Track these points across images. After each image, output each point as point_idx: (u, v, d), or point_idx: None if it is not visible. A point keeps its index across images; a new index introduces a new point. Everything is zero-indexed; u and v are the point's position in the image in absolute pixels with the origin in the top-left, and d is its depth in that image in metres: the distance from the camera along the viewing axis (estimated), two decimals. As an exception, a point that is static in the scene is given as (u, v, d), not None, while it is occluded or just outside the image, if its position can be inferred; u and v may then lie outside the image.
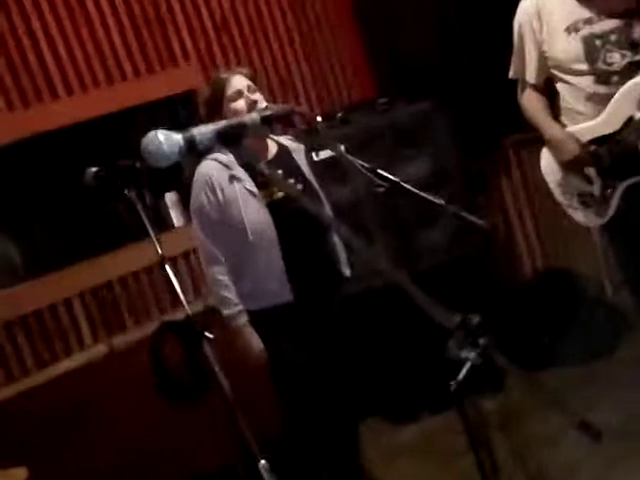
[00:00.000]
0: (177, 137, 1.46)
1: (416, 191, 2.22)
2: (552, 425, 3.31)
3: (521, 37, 2.89)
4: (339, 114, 3.72)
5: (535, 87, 2.93)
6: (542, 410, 3.50)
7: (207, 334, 1.89)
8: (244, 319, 2.67)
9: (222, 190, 2.63)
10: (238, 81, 2.66)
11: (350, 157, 2.25)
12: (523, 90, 2.98)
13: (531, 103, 2.96)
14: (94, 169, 1.89)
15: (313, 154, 3.50)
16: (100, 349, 3.63)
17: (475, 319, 1.19)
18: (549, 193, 4.10)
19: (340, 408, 2.95)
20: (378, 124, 3.68)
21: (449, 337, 1.19)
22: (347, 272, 2.90)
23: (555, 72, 2.83)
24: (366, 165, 2.25)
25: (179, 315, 3.50)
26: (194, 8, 3.98)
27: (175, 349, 3.71)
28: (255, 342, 2.68)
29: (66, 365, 3.52)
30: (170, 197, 3.89)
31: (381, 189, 2.21)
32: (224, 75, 2.71)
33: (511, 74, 3.04)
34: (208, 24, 4.03)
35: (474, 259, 3.90)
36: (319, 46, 4.40)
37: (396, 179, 2.24)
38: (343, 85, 4.44)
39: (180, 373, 3.69)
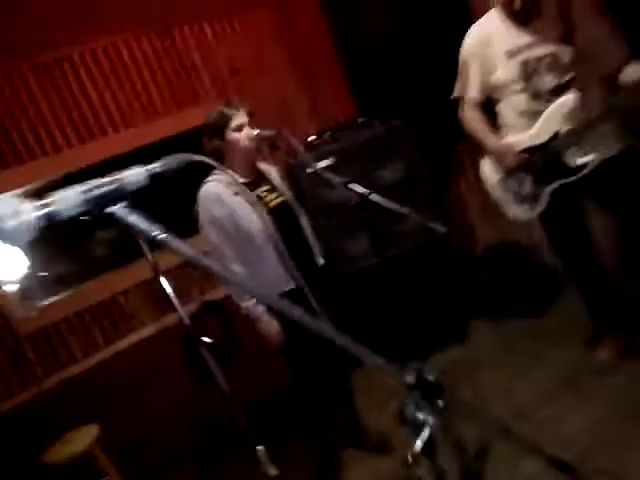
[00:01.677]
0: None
1: (383, 202, 2.11)
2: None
3: (465, 63, 2.78)
4: (328, 133, 3.64)
5: (476, 104, 2.82)
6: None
7: (204, 339, 1.80)
8: (260, 309, 2.58)
9: (230, 203, 2.56)
10: (241, 117, 2.59)
11: (328, 174, 2.14)
12: (465, 108, 2.87)
13: (472, 118, 2.85)
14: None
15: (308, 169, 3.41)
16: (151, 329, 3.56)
17: (431, 376, 0.95)
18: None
19: (335, 362, 2.89)
20: (360, 139, 3.61)
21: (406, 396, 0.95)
22: (321, 261, 2.83)
23: (495, 93, 2.75)
24: (341, 180, 2.15)
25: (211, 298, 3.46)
26: (211, 58, 3.88)
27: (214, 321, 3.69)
28: (273, 326, 2.60)
29: (126, 343, 3.45)
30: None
31: (352, 202, 2.11)
32: (232, 111, 2.60)
33: (454, 93, 2.94)
34: (223, 69, 3.94)
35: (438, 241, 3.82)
36: (312, 80, 4.32)
37: (366, 192, 2.13)
38: (331, 110, 4.34)
39: (217, 339, 3.66)
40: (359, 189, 2.20)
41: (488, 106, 2.89)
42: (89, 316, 3.43)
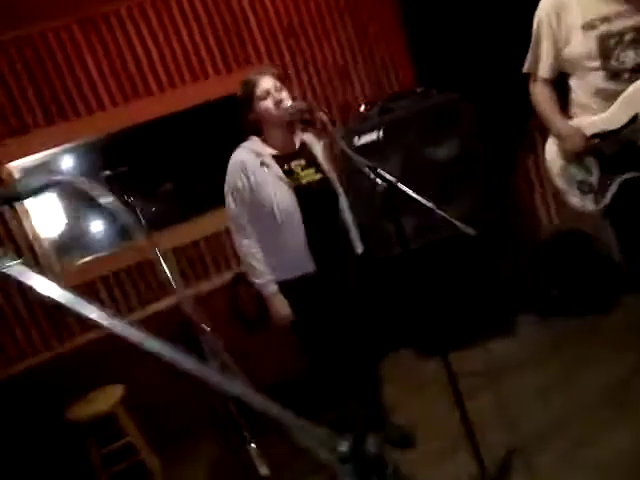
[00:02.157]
0: None
1: (410, 193, 1.88)
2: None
3: (538, 33, 2.44)
4: (380, 103, 3.39)
5: (546, 81, 2.49)
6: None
7: (203, 326, 1.70)
8: (273, 287, 2.46)
9: (254, 174, 2.39)
10: (266, 81, 2.39)
11: (356, 156, 1.92)
12: (535, 84, 2.54)
13: (541, 97, 2.52)
14: (106, 172, 1.74)
15: (355, 138, 3.20)
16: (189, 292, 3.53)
17: (372, 447, 0.76)
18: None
19: (359, 354, 2.73)
20: (413, 111, 3.33)
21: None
22: (359, 249, 2.62)
23: (568, 68, 2.41)
24: (369, 164, 1.92)
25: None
26: (265, 17, 3.69)
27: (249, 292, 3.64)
28: (283, 308, 2.48)
29: (159, 306, 3.43)
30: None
31: (380, 188, 1.88)
32: (255, 76, 2.42)
33: (525, 68, 2.60)
34: (277, 29, 3.72)
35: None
36: (372, 43, 4.03)
37: (393, 179, 1.91)
38: (389, 77, 4.07)
39: (251, 310, 3.61)
40: (386, 175, 2.00)
41: (562, 82, 2.56)
42: (126, 276, 3.43)
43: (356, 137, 3.22)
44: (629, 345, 2.97)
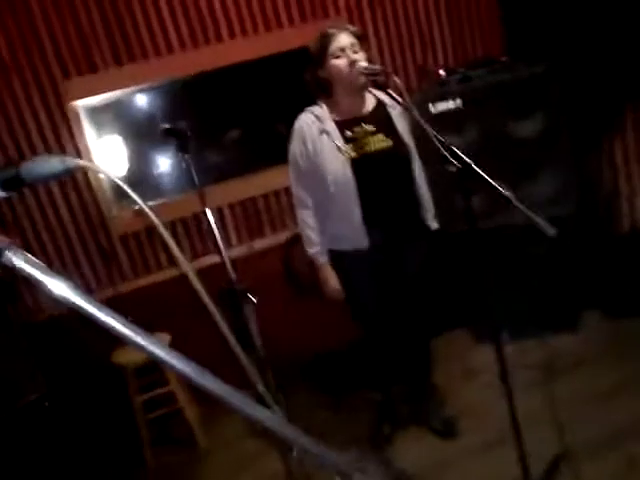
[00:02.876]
0: None
1: (487, 178, 1.70)
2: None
3: None
4: (462, 69, 3.14)
5: None
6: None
7: (250, 296, 1.63)
8: (324, 258, 2.39)
9: (313, 141, 2.27)
10: (343, 38, 2.21)
11: (431, 131, 1.73)
12: None
13: None
14: (164, 126, 1.68)
15: (430, 105, 2.98)
16: (243, 249, 3.46)
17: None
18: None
19: (411, 331, 2.60)
20: (495, 81, 3.06)
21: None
22: (434, 225, 2.45)
23: None
24: (445, 142, 1.73)
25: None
26: (348, -36, 3.43)
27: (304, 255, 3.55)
28: (332, 279, 2.40)
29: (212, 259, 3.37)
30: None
31: (453, 169, 1.70)
32: (332, 30, 2.24)
33: None
34: (360, -20, 3.47)
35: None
36: (461, 5, 3.72)
37: (469, 161, 1.72)
38: (477, 43, 3.77)
39: (304, 273, 3.53)
40: (461, 154, 1.81)
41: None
42: (182, 226, 3.39)
43: (431, 104, 3.01)
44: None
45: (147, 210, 0.83)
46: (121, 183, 0.86)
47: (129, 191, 0.85)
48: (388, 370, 2.65)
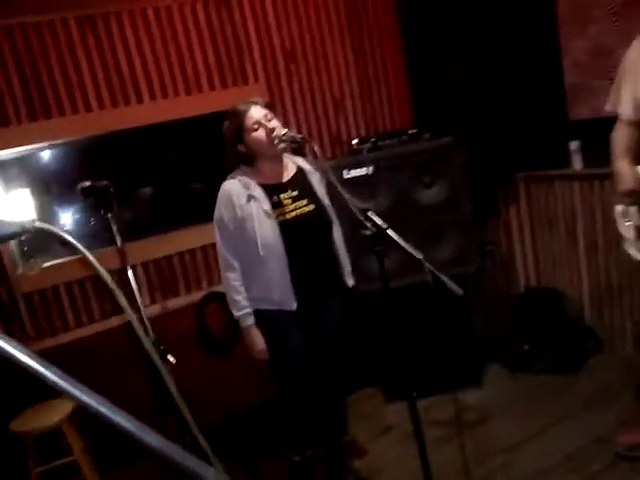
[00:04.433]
0: None
1: (400, 242, 1.80)
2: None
3: (623, 74, 2.40)
4: (373, 139, 3.32)
5: (628, 122, 2.43)
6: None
7: (169, 357, 1.58)
8: (250, 321, 2.39)
9: (241, 207, 2.30)
10: (256, 111, 2.30)
11: (348, 196, 1.83)
12: (618, 122, 2.46)
13: (616, 136, 2.46)
14: (85, 184, 1.65)
15: (344, 172, 3.12)
16: (155, 308, 3.37)
17: None
18: (549, 224, 3.69)
19: (330, 388, 2.62)
20: (405, 151, 3.27)
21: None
22: (350, 282, 2.53)
23: None
24: (361, 206, 1.83)
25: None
26: (267, 36, 3.61)
27: (217, 314, 3.50)
28: (258, 341, 2.41)
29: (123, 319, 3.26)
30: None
31: (368, 232, 1.79)
32: (242, 107, 2.32)
33: (607, 107, 2.52)
34: (278, 52, 3.64)
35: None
36: (372, 80, 3.99)
37: (384, 225, 1.82)
38: (386, 115, 4.03)
39: (218, 332, 3.48)
40: (376, 219, 1.92)
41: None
42: (91, 285, 3.26)
43: (345, 171, 3.15)
44: (593, 408, 2.94)
45: (94, 261, 0.82)
46: (71, 239, 0.85)
47: (79, 247, 0.84)
48: (305, 430, 2.63)
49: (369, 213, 1.85)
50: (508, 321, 3.74)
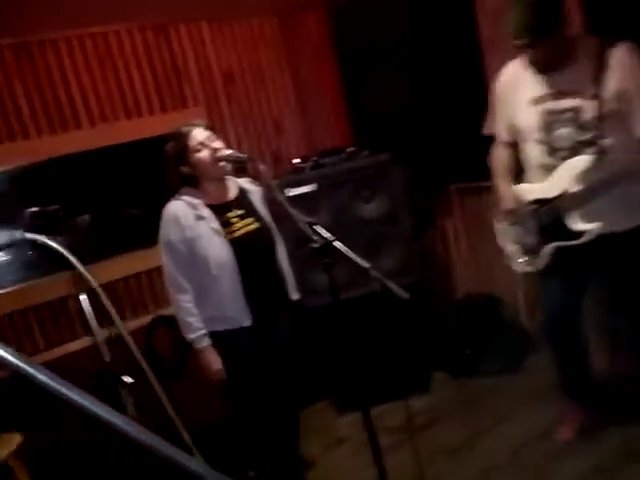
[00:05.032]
0: None
1: (347, 252, 1.88)
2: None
3: (496, 100, 2.59)
4: (314, 158, 3.42)
5: (505, 144, 2.63)
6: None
7: (125, 379, 1.58)
8: (205, 342, 2.39)
9: (190, 228, 2.33)
10: (199, 133, 2.35)
11: (293, 211, 1.90)
12: (495, 144, 2.68)
13: (496, 158, 2.67)
14: (34, 209, 1.65)
15: (287, 190, 3.20)
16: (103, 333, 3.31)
17: None
18: (483, 233, 3.88)
19: (282, 405, 2.65)
20: (345, 168, 3.39)
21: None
22: (295, 296, 2.59)
23: (519, 137, 2.54)
24: (307, 220, 1.90)
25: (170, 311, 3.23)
26: (205, 60, 3.66)
27: (165, 337, 3.48)
28: (214, 362, 2.40)
29: (72, 347, 3.19)
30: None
31: (316, 245, 1.87)
32: (185, 129, 2.37)
33: (485, 130, 2.73)
34: (217, 75, 3.71)
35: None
36: (310, 100, 4.10)
37: (331, 238, 1.90)
38: (325, 134, 4.13)
39: (167, 355, 3.45)
40: (323, 232, 2.00)
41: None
42: (33, 315, 3.18)
43: (288, 189, 3.22)
44: (532, 406, 3.10)
45: (85, 272, 0.86)
46: (63, 250, 0.88)
47: (72, 259, 0.87)
48: (261, 445, 2.65)
49: (316, 226, 1.92)
50: (450, 328, 3.90)
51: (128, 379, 1.81)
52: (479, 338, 3.73)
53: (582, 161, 2.30)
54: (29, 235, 0.87)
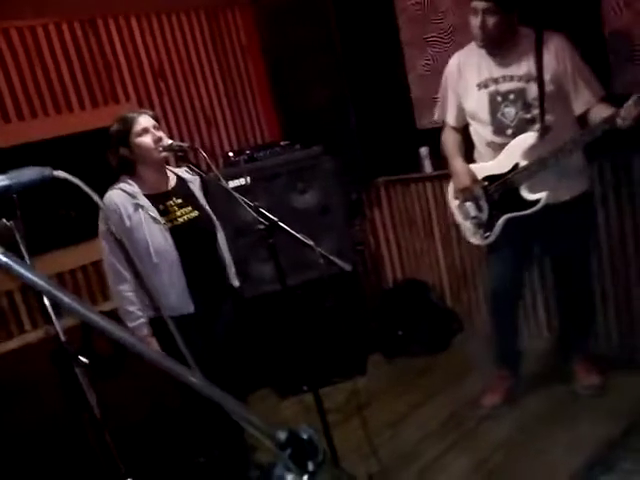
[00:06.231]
0: None
1: (291, 231, 2.00)
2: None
3: (445, 87, 2.83)
4: (248, 151, 3.50)
5: (453, 128, 2.88)
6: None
7: (81, 358, 1.56)
8: (146, 330, 2.40)
9: (128, 217, 2.34)
10: (145, 120, 2.38)
11: (238, 196, 1.99)
12: (445, 129, 2.92)
13: (446, 141, 2.90)
14: None
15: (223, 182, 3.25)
16: (37, 334, 3.25)
17: (306, 435, 0.85)
18: (409, 222, 4.09)
19: (228, 392, 2.71)
20: (278, 161, 3.49)
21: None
22: (236, 283, 2.67)
23: (468, 119, 2.77)
24: (251, 204, 2.00)
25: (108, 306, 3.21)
26: (136, 56, 3.66)
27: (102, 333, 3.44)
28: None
29: (6, 347, 3.12)
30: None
31: (262, 226, 1.97)
32: (132, 114, 2.40)
33: (435, 117, 2.99)
34: (147, 70, 3.71)
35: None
36: (239, 96, 4.18)
37: (275, 218, 2.01)
38: (256, 128, 4.22)
39: (105, 353, 3.42)
40: (267, 214, 2.10)
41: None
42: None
43: (224, 182, 3.28)
44: (461, 379, 3.33)
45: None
46: (87, 189, 0.91)
47: (94, 197, 0.91)
48: (209, 431, 2.70)
49: (260, 209, 2.01)
50: (382, 312, 4.09)
51: (85, 359, 1.82)
52: (409, 320, 3.95)
53: (529, 137, 2.55)
54: (57, 173, 0.91)
